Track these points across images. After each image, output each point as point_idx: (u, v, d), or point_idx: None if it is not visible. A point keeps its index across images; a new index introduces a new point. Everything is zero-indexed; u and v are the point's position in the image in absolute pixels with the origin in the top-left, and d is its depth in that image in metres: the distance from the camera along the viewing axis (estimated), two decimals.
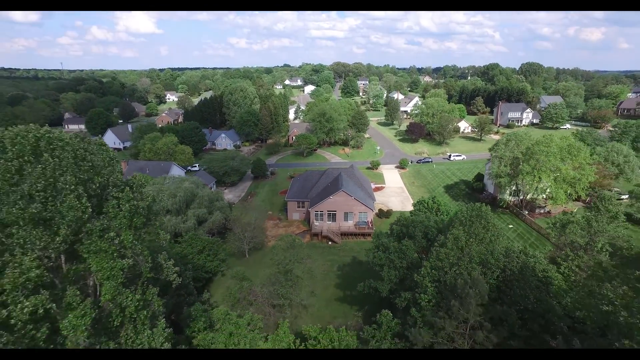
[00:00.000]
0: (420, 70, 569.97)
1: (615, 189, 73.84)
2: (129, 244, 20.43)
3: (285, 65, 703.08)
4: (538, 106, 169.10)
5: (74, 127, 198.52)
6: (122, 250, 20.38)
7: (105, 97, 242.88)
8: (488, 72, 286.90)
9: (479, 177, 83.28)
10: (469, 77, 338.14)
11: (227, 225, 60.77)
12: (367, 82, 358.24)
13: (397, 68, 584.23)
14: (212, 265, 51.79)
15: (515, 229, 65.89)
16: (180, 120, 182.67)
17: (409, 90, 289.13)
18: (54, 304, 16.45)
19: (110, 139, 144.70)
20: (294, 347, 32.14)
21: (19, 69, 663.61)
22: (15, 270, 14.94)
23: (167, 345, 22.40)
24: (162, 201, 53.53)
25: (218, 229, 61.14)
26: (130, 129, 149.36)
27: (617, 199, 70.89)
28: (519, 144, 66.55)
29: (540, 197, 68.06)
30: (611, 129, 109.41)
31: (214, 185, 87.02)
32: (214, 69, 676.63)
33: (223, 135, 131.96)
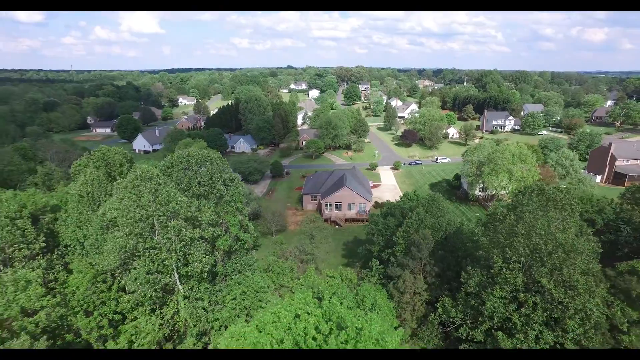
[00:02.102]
0: (421, 73, 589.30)
1: (562, 186, 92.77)
2: (241, 209, 39.86)
3: (289, 66, 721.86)
4: (522, 113, 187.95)
5: (100, 130, 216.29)
6: (237, 212, 39.75)
7: (124, 102, 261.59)
8: (482, 79, 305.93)
9: (457, 177, 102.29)
10: (464, 83, 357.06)
11: (260, 212, 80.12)
12: (369, 86, 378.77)
13: (399, 70, 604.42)
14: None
15: (481, 217, 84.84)
16: (199, 125, 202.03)
17: (407, 96, 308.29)
18: (218, 233, 35.71)
19: (141, 142, 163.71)
20: (314, 295, 51.12)
21: (28, 70, 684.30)
22: (206, 214, 34.18)
23: (255, 265, 41.68)
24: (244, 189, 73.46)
25: (252, 216, 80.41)
26: (157, 134, 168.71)
27: None
28: (483, 151, 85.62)
29: (500, 192, 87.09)
30: (572, 136, 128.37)
31: None
32: (218, 69, 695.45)
33: (241, 139, 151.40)
